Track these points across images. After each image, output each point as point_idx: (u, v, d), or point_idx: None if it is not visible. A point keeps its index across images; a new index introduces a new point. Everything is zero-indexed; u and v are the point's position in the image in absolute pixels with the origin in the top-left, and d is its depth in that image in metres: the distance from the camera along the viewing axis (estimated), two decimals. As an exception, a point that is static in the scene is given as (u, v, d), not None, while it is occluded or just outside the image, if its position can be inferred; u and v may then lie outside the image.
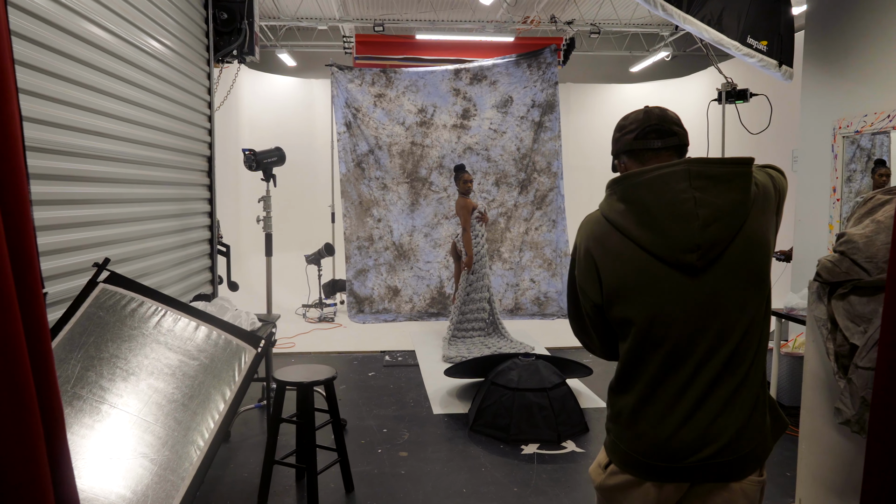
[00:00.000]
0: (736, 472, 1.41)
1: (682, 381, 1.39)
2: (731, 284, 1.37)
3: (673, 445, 1.40)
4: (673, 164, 1.39)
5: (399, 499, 3.17)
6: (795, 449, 3.71)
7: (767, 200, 1.42)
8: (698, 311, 1.37)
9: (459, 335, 5.94)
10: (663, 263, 1.38)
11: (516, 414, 3.90)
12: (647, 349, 1.42)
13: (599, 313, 1.50)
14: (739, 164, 1.39)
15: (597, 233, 1.47)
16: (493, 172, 7.75)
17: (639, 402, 1.45)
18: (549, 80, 7.70)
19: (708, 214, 1.35)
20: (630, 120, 1.50)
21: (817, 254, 4.53)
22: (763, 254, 1.40)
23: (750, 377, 1.40)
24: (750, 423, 1.40)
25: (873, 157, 4.35)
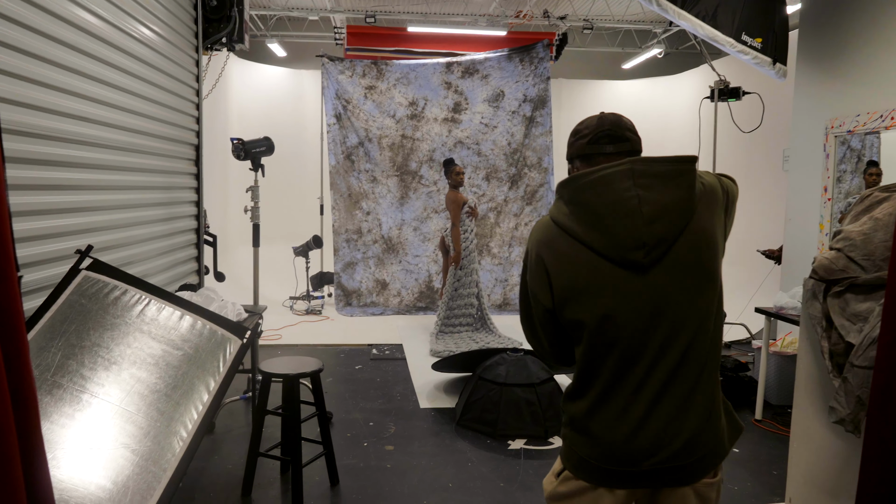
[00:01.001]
0: (690, 475, 1.41)
1: (635, 383, 1.39)
2: (679, 281, 1.37)
3: (627, 449, 1.40)
4: (616, 164, 1.40)
5: (385, 492, 3.14)
6: (783, 448, 3.72)
7: (714, 199, 1.43)
8: (648, 310, 1.38)
9: (447, 330, 5.92)
10: (611, 263, 1.38)
11: (504, 409, 3.88)
12: (600, 351, 1.42)
13: (550, 318, 1.51)
14: (683, 162, 1.40)
15: (546, 237, 1.48)
16: (483, 167, 7.72)
17: (593, 406, 1.44)
18: (541, 75, 7.67)
19: (652, 212, 1.36)
20: (584, 125, 1.52)
21: (807, 253, 4.55)
22: (711, 250, 1.40)
23: (703, 379, 1.41)
24: (705, 427, 1.41)
25: (864, 158, 4.37)
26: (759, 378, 4.21)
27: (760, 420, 4.14)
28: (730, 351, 5.71)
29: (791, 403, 4.40)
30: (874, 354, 1.38)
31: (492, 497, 3.11)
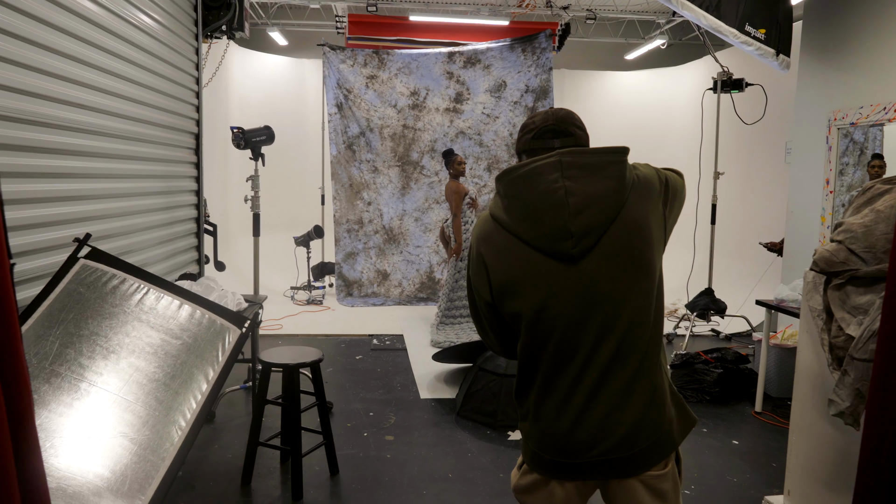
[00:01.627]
0: (634, 467, 1.42)
1: (574, 374, 1.40)
2: (610, 271, 1.38)
3: (569, 441, 1.41)
4: (546, 157, 1.41)
5: (384, 482, 3.15)
6: (783, 440, 3.73)
7: (649, 190, 1.43)
8: (580, 301, 1.38)
9: (448, 321, 5.92)
10: (542, 254, 1.39)
11: (504, 400, 3.88)
12: (538, 343, 1.42)
13: (493, 311, 1.52)
14: (613, 153, 1.41)
15: (485, 231, 1.49)
16: (485, 157, 7.70)
17: (538, 398, 1.45)
18: (544, 66, 7.63)
19: (578, 202, 1.36)
20: (531, 120, 1.53)
21: (809, 246, 4.53)
22: (644, 240, 1.40)
23: (644, 370, 1.40)
24: (647, 418, 1.41)
25: (867, 151, 4.35)
26: (760, 370, 4.21)
27: (760, 412, 4.15)
28: (730, 343, 5.71)
29: (791, 396, 4.41)
30: (874, 347, 1.38)
31: (491, 487, 3.12)
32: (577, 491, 1.49)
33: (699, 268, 6.15)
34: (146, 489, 1.66)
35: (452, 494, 3.04)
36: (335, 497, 3.00)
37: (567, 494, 1.48)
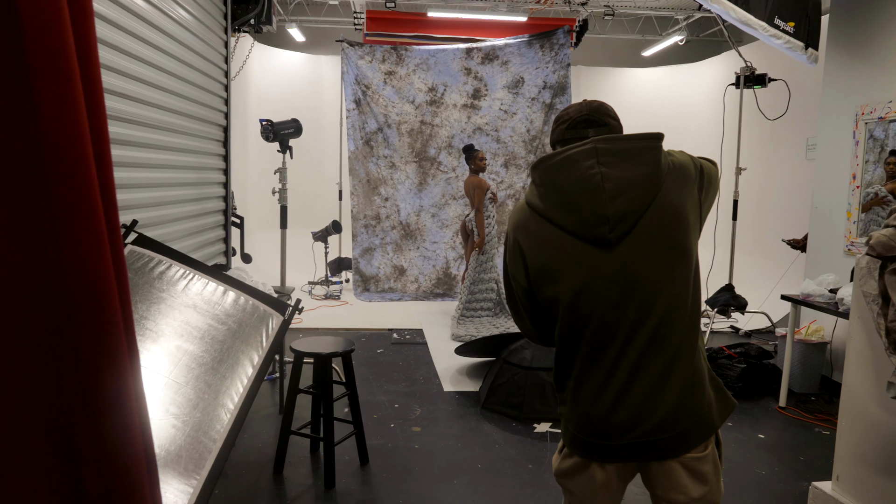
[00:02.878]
0: (672, 449, 1.42)
1: (612, 358, 1.41)
2: (646, 256, 1.39)
3: (608, 424, 1.42)
4: (581, 144, 1.42)
5: (414, 472, 3.17)
6: (808, 434, 3.72)
7: (685, 176, 1.44)
8: (617, 285, 1.39)
9: (468, 314, 5.93)
10: (579, 240, 1.41)
11: (529, 392, 3.89)
12: (576, 328, 1.44)
13: (530, 298, 1.53)
14: (648, 139, 1.42)
15: (521, 219, 1.51)
16: (502, 154, 7.70)
17: (577, 382, 1.46)
18: (562, 62, 7.63)
19: (614, 187, 1.38)
20: (566, 111, 1.55)
21: (834, 241, 4.52)
22: (680, 225, 1.41)
23: (682, 354, 1.41)
24: (685, 400, 1.42)
25: (886, 148, 4.33)
26: (784, 366, 4.20)
27: (784, 407, 4.14)
28: (751, 339, 5.70)
29: (815, 392, 4.40)
30: (936, 330, 1.38)
31: (521, 478, 3.13)
32: (618, 473, 1.49)
33: (719, 264, 6.14)
34: (201, 469, 1.69)
35: (483, 485, 3.06)
36: (367, 486, 3.03)
37: (607, 477, 1.49)
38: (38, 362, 0.94)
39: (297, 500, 2.88)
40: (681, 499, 1.48)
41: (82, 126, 0.93)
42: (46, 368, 0.95)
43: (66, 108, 0.90)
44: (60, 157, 0.90)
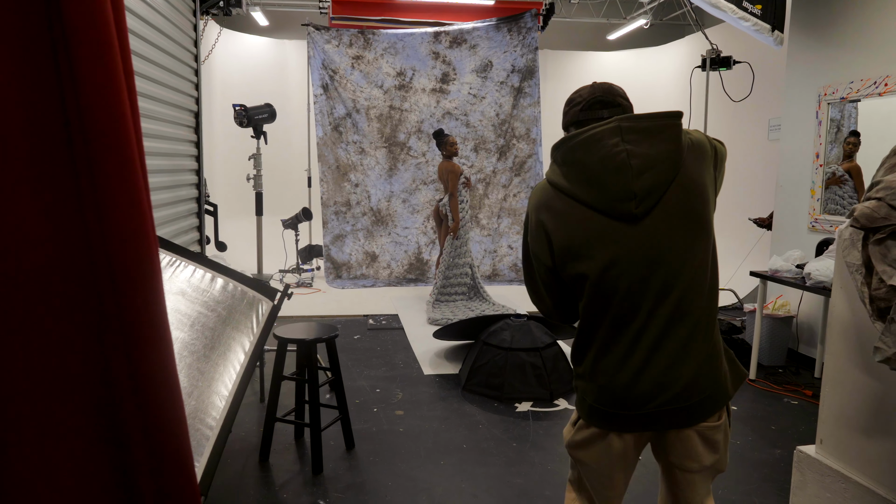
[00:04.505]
0: (691, 417, 1.48)
1: (635, 331, 1.45)
2: (670, 230, 1.43)
3: (630, 394, 1.47)
4: (605, 123, 1.46)
5: (401, 454, 3.19)
6: (778, 405, 3.87)
7: (702, 152, 1.49)
8: (643, 260, 1.43)
9: (443, 299, 5.96)
10: (605, 216, 1.44)
11: (510, 373, 3.94)
12: (601, 302, 1.47)
13: (553, 276, 1.56)
14: (668, 117, 1.47)
15: (543, 199, 1.54)
16: (472, 138, 7.71)
17: (598, 355, 1.51)
18: (530, 46, 7.65)
19: (640, 164, 1.41)
20: (578, 94, 1.58)
21: (799, 218, 4.67)
22: (701, 199, 1.46)
23: (701, 326, 1.47)
24: (704, 371, 1.47)
25: (843, 128, 4.49)
26: (753, 340, 4.34)
27: (754, 380, 4.28)
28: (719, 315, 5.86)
29: (782, 364, 4.56)
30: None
31: (506, 456, 3.18)
32: (634, 442, 1.54)
33: (687, 243, 6.27)
34: (200, 456, 1.67)
35: (470, 464, 3.10)
36: (355, 470, 3.03)
37: (625, 446, 1.53)
38: (84, 345, 0.92)
39: (286, 487, 2.88)
40: (694, 466, 1.53)
41: (123, 98, 0.90)
42: (92, 351, 0.93)
43: (108, 80, 0.88)
44: (103, 131, 0.87)
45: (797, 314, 4.66)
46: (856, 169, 4.41)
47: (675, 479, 1.59)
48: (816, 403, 3.88)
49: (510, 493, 2.82)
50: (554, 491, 2.84)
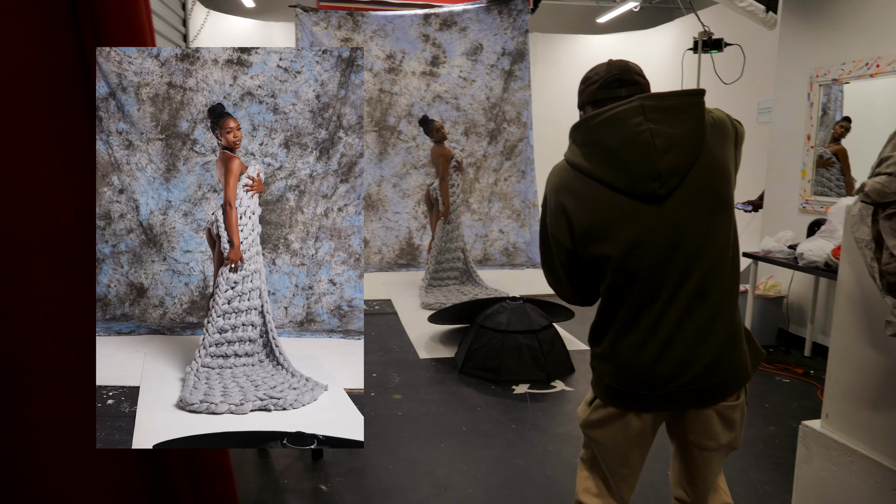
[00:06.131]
0: (711, 397, 1.49)
1: (658, 311, 1.44)
2: (694, 210, 1.42)
3: (651, 374, 1.46)
4: (627, 102, 1.43)
5: (402, 438, 3.19)
6: (770, 384, 3.92)
7: (725, 131, 1.48)
8: (666, 240, 1.42)
9: (436, 283, 5.95)
10: (628, 197, 1.42)
11: (506, 355, 3.95)
12: (623, 283, 1.46)
13: (572, 259, 1.54)
14: (691, 96, 1.45)
15: (563, 180, 1.51)
16: (462, 122, 7.67)
17: (618, 335, 1.50)
18: (520, 28, 7.61)
19: (664, 143, 1.39)
20: (594, 72, 1.55)
21: (790, 199, 4.70)
22: (724, 178, 1.45)
23: (723, 306, 1.46)
24: (725, 352, 1.47)
25: (829, 112, 4.52)
26: (746, 321, 4.39)
27: (747, 360, 4.33)
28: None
29: (773, 343, 4.61)
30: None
31: (506, 438, 3.19)
32: (653, 421, 1.55)
33: (678, 226, 6.30)
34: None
35: (470, 447, 3.11)
36: (355, 454, 3.03)
37: (643, 425, 1.54)
38: None
39: (287, 472, 2.87)
40: (711, 444, 1.54)
41: None
42: None
43: None
44: None
45: (787, 294, 4.70)
46: (842, 152, 4.45)
47: (692, 457, 1.60)
48: (808, 381, 3.94)
49: (511, 474, 2.83)
50: (555, 471, 2.86)
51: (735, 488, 2.49)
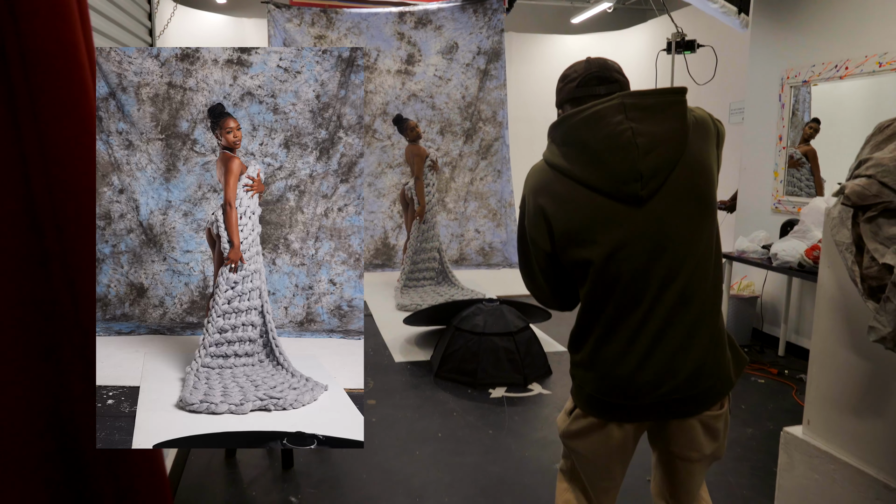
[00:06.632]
0: (695, 407, 1.44)
1: (639, 318, 1.40)
2: (676, 212, 1.37)
3: (633, 383, 1.42)
4: (608, 99, 1.38)
5: (375, 445, 3.11)
6: (744, 384, 3.92)
7: (707, 130, 1.43)
8: (649, 244, 1.37)
9: (411, 284, 5.88)
10: (609, 198, 1.37)
11: (483, 358, 3.90)
12: (604, 288, 1.41)
13: (551, 262, 1.50)
14: (673, 94, 1.40)
15: (542, 181, 1.46)
16: (437, 121, 7.61)
17: (598, 342, 1.45)
18: (495, 27, 7.57)
19: (646, 143, 1.35)
20: (572, 69, 1.50)
21: (762, 200, 4.72)
22: (706, 179, 1.41)
23: (706, 312, 1.42)
24: (709, 359, 1.43)
25: (798, 113, 4.56)
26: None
27: (722, 360, 4.33)
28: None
29: (747, 343, 4.63)
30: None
31: (482, 444, 3.14)
32: (634, 431, 1.50)
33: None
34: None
35: (446, 454, 3.04)
36: (327, 464, 2.94)
37: (625, 436, 1.49)
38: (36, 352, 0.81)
39: (255, 484, 2.77)
40: (694, 455, 1.49)
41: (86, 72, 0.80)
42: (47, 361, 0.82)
43: None
44: None
45: (761, 294, 4.73)
46: (812, 152, 4.48)
47: (675, 468, 1.55)
48: (783, 382, 3.96)
49: (488, 483, 2.78)
50: (532, 478, 2.81)
51: (713, 493, 2.47)
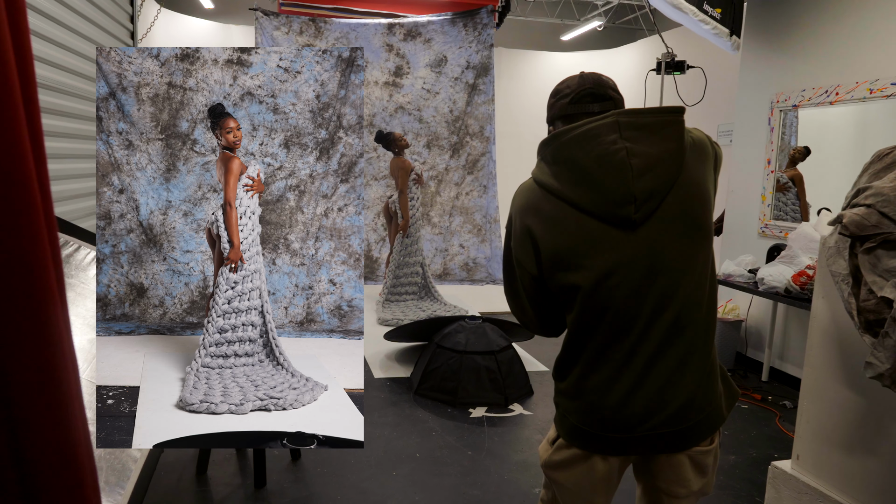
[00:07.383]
0: (684, 442, 1.37)
1: (628, 347, 1.32)
2: (670, 237, 1.30)
3: (620, 416, 1.35)
4: (601, 117, 1.32)
5: (351, 464, 3.01)
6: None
7: (704, 153, 1.37)
8: (641, 269, 1.30)
9: (393, 298, 5.79)
10: (601, 221, 1.30)
11: (464, 377, 3.81)
12: (593, 315, 1.34)
13: (537, 286, 1.42)
14: (670, 113, 1.34)
15: (530, 201, 1.39)
16: (424, 134, 7.55)
17: (585, 371, 1.38)
18: (485, 42, 7.55)
19: (641, 164, 1.28)
20: (565, 85, 1.43)
21: (750, 223, 4.71)
22: (702, 203, 1.34)
23: (699, 343, 1.35)
24: (700, 392, 1.36)
25: (785, 137, 4.57)
26: (705, 343, 4.35)
27: (706, 383, 4.29)
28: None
29: (731, 367, 4.59)
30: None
31: (461, 465, 3.05)
32: (620, 465, 1.43)
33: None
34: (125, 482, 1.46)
35: (423, 474, 2.95)
36: (301, 483, 2.84)
37: (609, 468, 1.41)
38: None
39: (226, 502, 2.66)
40: (682, 492, 1.42)
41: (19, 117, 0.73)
42: None
43: None
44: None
45: (746, 318, 4.70)
46: (798, 177, 4.48)
47: None
48: (765, 408, 3.91)
49: (466, 507, 2.69)
50: (511, 502, 2.72)
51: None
